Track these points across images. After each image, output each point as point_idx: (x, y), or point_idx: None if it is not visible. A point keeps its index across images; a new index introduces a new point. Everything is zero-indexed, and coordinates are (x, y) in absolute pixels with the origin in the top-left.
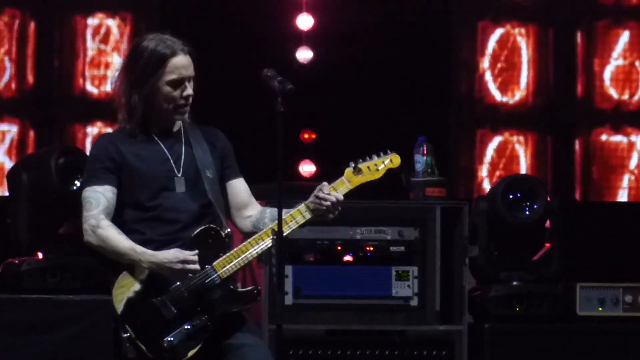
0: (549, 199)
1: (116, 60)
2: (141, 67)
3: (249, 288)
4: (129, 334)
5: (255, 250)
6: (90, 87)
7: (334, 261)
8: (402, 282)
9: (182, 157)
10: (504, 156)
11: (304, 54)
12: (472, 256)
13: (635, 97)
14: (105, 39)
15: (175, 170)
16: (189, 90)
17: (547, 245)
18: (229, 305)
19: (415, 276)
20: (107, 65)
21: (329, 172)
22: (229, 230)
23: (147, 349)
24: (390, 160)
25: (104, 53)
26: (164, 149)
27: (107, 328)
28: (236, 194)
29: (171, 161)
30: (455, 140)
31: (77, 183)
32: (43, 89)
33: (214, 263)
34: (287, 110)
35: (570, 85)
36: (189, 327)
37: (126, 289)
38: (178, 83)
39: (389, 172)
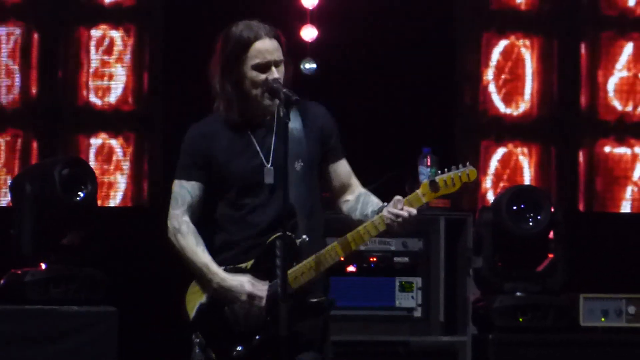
0: (552, 210)
1: (120, 72)
2: (228, 54)
3: (321, 299)
4: (199, 340)
5: (328, 262)
6: (94, 99)
7: (337, 272)
8: (406, 293)
9: (272, 148)
10: (508, 167)
11: (308, 65)
12: (476, 267)
13: (639, 109)
14: (109, 50)
15: (265, 161)
16: (275, 74)
17: (551, 256)
18: (300, 316)
19: (419, 287)
20: (110, 77)
21: None
22: (304, 237)
23: (217, 357)
24: (467, 175)
25: (107, 64)
26: (255, 143)
27: (111, 339)
28: (335, 177)
29: (261, 155)
30: (460, 152)
31: (81, 194)
32: (47, 100)
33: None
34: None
35: (574, 96)
36: (259, 337)
37: (199, 294)
38: (264, 67)
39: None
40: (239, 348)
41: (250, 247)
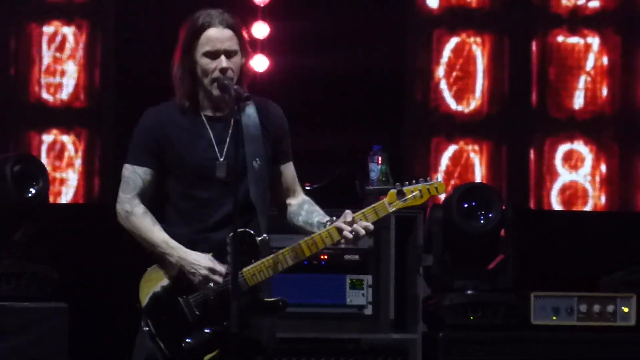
0: (503, 207)
1: (71, 68)
2: (183, 41)
3: (275, 299)
4: (149, 329)
5: (287, 262)
6: (45, 95)
7: (287, 269)
8: (357, 291)
9: (227, 142)
10: (459, 165)
11: (260, 62)
12: (427, 265)
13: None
14: (61, 47)
15: (218, 154)
16: (224, 64)
17: (502, 254)
18: (253, 314)
19: (369, 285)
20: (62, 73)
21: None
22: (265, 236)
23: (165, 347)
24: (435, 188)
25: (59, 61)
26: (211, 134)
27: (62, 335)
28: (282, 179)
29: (215, 148)
30: (411, 149)
31: (32, 190)
32: None
33: (244, 270)
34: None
35: (525, 94)
36: (208, 331)
37: (154, 282)
38: (213, 55)
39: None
40: (188, 340)
41: (197, 241)
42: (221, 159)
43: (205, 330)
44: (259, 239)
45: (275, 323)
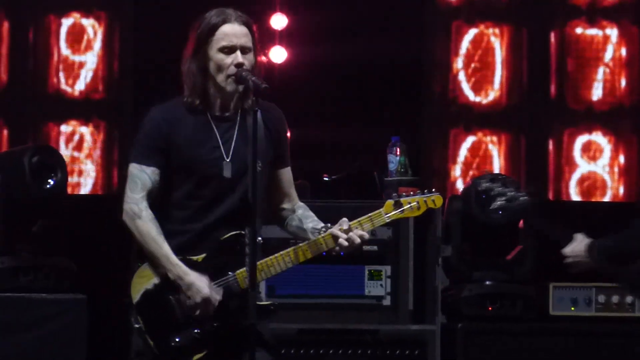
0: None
1: (90, 59)
2: (196, 37)
3: (267, 302)
4: (139, 326)
5: (280, 266)
6: (64, 86)
7: (307, 260)
8: (375, 282)
9: (233, 144)
10: (477, 156)
11: (278, 54)
12: (445, 256)
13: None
14: (79, 38)
15: (225, 155)
16: (240, 59)
17: (520, 245)
18: (243, 316)
19: (388, 275)
20: (80, 65)
21: (304, 170)
22: (259, 239)
23: (154, 345)
24: (432, 201)
25: (78, 52)
26: (217, 135)
27: (81, 327)
28: (279, 183)
29: (222, 148)
30: (429, 140)
31: (51, 182)
32: (17, 88)
33: (237, 272)
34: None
35: (544, 85)
36: (197, 331)
37: (146, 279)
38: (229, 50)
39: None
40: (177, 339)
41: (198, 239)
42: (227, 159)
43: (195, 330)
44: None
45: (268, 326)
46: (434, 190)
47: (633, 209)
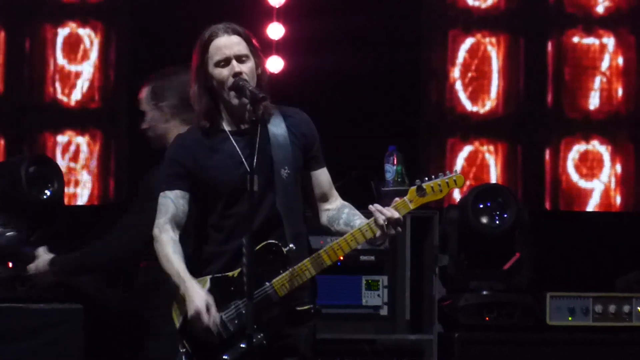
0: (519, 208)
1: (86, 69)
2: (195, 61)
3: (307, 307)
4: (185, 350)
5: (315, 270)
6: (60, 96)
7: None
8: (372, 292)
9: (256, 155)
10: (474, 165)
11: (275, 64)
12: (442, 265)
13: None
14: (75, 48)
15: (248, 168)
16: (236, 68)
17: (517, 254)
18: (286, 324)
19: (385, 285)
20: (77, 74)
21: None
22: (291, 245)
23: None
24: (454, 181)
25: (74, 61)
26: (238, 149)
27: (77, 337)
28: (317, 185)
29: (244, 162)
30: (426, 150)
31: (47, 192)
32: (13, 98)
33: (273, 281)
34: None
35: (541, 94)
36: (244, 345)
37: (184, 303)
38: (224, 63)
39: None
40: (225, 357)
41: (234, 259)
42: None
43: (241, 345)
44: (286, 249)
45: (314, 330)
46: (455, 170)
47: (629, 219)
